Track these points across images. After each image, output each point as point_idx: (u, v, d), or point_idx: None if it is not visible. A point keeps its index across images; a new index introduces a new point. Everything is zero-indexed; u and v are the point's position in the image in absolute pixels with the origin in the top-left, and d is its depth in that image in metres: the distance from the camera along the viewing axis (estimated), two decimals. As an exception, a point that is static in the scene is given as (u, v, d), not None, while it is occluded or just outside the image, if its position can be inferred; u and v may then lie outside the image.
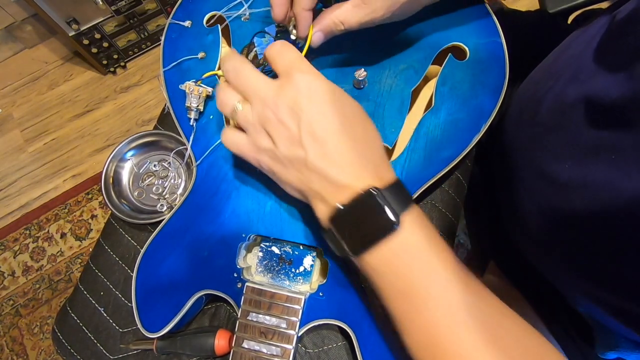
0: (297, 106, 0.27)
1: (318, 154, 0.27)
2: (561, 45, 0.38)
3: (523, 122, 0.37)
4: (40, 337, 1.05)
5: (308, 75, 0.28)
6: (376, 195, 0.25)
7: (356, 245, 0.26)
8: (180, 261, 0.36)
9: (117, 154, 0.46)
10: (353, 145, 0.27)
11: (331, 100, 0.27)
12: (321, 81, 0.28)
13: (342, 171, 0.27)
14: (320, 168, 0.27)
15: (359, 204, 0.26)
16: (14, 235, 1.15)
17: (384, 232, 0.25)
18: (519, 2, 1.32)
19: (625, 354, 0.36)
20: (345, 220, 0.27)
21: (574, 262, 0.31)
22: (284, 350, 0.32)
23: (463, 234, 0.55)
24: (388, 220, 0.25)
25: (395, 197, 0.26)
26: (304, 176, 0.28)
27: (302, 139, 0.27)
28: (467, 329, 0.24)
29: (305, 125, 0.27)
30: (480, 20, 0.37)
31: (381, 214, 0.25)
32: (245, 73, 0.30)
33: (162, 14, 1.23)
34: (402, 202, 0.26)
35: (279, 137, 0.28)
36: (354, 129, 0.28)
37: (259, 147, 0.29)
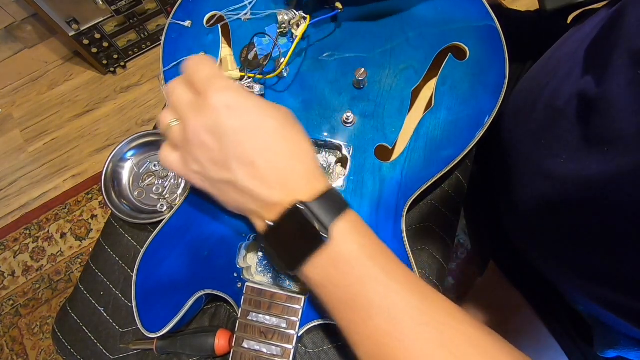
0: (216, 128, 0.26)
1: (246, 175, 0.26)
2: (558, 43, 0.38)
3: (520, 119, 0.37)
4: (40, 337, 1.05)
5: (224, 93, 0.26)
6: (303, 209, 0.25)
7: (291, 260, 0.26)
8: (181, 261, 0.36)
9: (117, 154, 0.46)
10: (281, 161, 0.27)
11: (253, 117, 0.27)
12: (239, 97, 0.27)
13: (271, 190, 0.26)
14: (251, 189, 0.27)
15: (287, 220, 0.26)
16: (14, 235, 1.16)
17: (314, 245, 0.25)
18: (519, 1, 1.32)
19: (624, 352, 0.36)
20: (276, 237, 0.27)
21: (573, 259, 0.31)
22: (284, 350, 0.32)
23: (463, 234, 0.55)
24: (316, 233, 0.25)
25: (325, 209, 0.26)
26: (238, 197, 0.28)
27: (228, 161, 0.26)
28: (413, 334, 0.23)
29: (229, 148, 0.26)
30: (480, 20, 0.37)
31: (309, 227, 0.25)
32: (176, 90, 0.29)
33: (162, 14, 1.23)
34: (332, 212, 0.26)
35: (205, 160, 0.27)
36: (281, 145, 0.27)
37: (189, 169, 0.29)
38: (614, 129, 0.24)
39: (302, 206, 0.25)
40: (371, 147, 0.36)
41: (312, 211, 0.25)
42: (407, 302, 0.24)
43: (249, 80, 0.36)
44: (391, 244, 0.34)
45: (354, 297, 0.25)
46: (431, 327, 0.24)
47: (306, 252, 0.26)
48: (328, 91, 0.38)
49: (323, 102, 0.37)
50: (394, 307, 0.24)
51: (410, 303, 0.24)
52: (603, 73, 0.26)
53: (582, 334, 0.41)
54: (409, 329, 0.24)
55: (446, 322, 0.24)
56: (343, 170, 0.37)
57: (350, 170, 0.35)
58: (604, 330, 0.37)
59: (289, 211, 0.26)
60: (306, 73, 0.38)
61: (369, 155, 0.35)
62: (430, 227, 0.41)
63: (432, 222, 0.41)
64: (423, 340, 0.23)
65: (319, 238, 0.25)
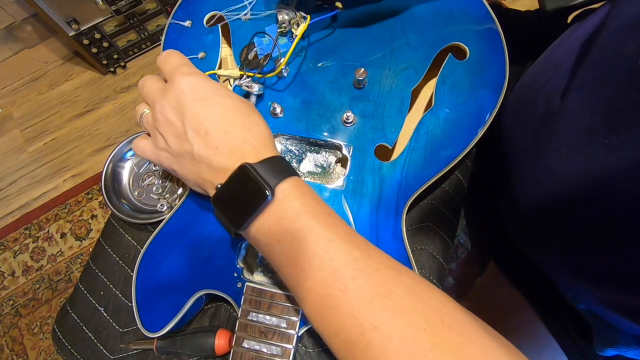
0: (179, 105, 0.30)
1: (202, 145, 0.29)
2: (558, 40, 0.38)
3: (521, 115, 0.37)
4: (40, 337, 1.05)
5: (188, 76, 0.30)
6: (249, 169, 0.27)
7: (237, 219, 0.28)
8: (181, 261, 0.36)
9: (117, 154, 0.46)
10: (233, 130, 0.29)
11: (211, 95, 0.30)
12: (201, 80, 0.30)
13: (222, 156, 0.29)
14: (206, 157, 0.29)
15: (234, 180, 0.28)
16: (14, 235, 1.15)
17: (259, 203, 0.27)
18: (519, 1, 1.32)
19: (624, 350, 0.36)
20: (223, 198, 0.29)
21: (575, 257, 0.31)
22: (284, 350, 0.32)
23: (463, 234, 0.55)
24: (261, 191, 0.26)
25: (270, 170, 0.27)
26: (195, 168, 0.30)
27: (187, 134, 0.29)
28: (354, 285, 0.24)
29: (188, 121, 0.29)
30: (480, 20, 0.37)
31: (254, 186, 0.27)
32: (146, 83, 0.33)
33: (162, 14, 1.23)
34: (277, 175, 0.27)
35: (168, 136, 0.31)
36: (234, 117, 0.30)
37: (158, 148, 0.32)
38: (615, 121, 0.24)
39: (247, 165, 0.27)
40: (371, 147, 0.36)
41: (256, 171, 0.27)
42: (348, 254, 0.25)
43: (247, 80, 0.36)
44: (391, 243, 0.34)
45: (297, 252, 0.26)
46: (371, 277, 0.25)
47: (251, 210, 0.27)
48: (328, 91, 0.38)
49: (323, 102, 0.37)
50: (336, 259, 0.25)
51: (351, 255, 0.25)
52: None
53: (581, 332, 0.41)
54: (350, 278, 0.25)
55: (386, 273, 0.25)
56: (343, 170, 0.37)
57: (350, 170, 0.35)
58: (604, 329, 0.37)
59: (236, 172, 0.28)
60: (306, 73, 0.38)
61: (369, 155, 0.35)
62: (430, 227, 0.41)
63: (432, 222, 0.41)
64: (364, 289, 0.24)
65: (262, 195, 0.26)
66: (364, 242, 0.27)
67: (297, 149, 0.38)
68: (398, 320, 0.23)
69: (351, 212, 0.35)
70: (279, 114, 0.37)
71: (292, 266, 0.27)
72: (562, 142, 0.30)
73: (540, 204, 0.33)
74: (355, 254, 0.26)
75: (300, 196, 0.27)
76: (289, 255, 0.27)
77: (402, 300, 0.24)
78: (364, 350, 0.23)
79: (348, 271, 0.25)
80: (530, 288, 0.46)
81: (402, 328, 0.23)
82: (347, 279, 0.25)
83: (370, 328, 0.23)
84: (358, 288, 0.24)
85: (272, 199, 0.27)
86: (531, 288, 0.46)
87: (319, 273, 0.25)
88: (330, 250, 0.25)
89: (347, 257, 0.25)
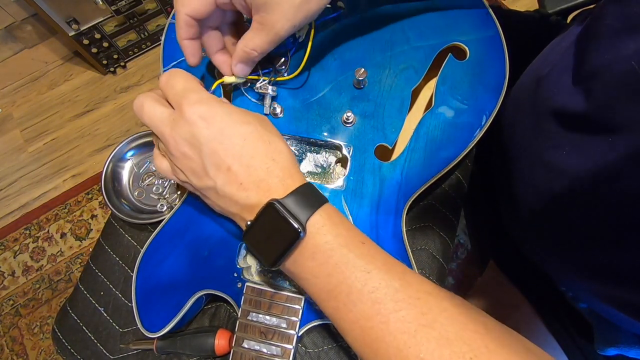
0: (194, 139, 0.28)
1: (225, 181, 0.28)
2: (560, 37, 0.38)
3: (522, 114, 0.37)
4: (40, 337, 1.05)
5: (199, 106, 0.28)
6: (276, 206, 0.26)
7: (270, 257, 0.27)
8: (181, 261, 0.36)
9: (117, 154, 0.46)
10: (255, 163, 0.28)
11: (227, 126, 0.28)
12: (213, 108, 0.28)
13: (248, 192, 0.28)
14: (230, 194, 0.28)
15: (263, 217, 0.27)
16: (14, 235, 1.15)
17: (292, 240, 0.26)
18: (519, 2, 1.32)
19: (625, 349, 0.36)
20: (254, 235, 0.28)
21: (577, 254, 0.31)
22: (284, 350, 0.32)
23: (463, 234, 0.55)
24: (292, 228, 0.25)
25: (299, 204, 0.26)
26: (221, 202, 0.29)
27: (207, 169, 0.28)
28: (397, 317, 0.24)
29: (206, 157, 0.28)
30: (480, 20, 0.37)
31: (285, 223, 0.26)
32: (145, 109, 0.30)
33: (162, 14, 1.23)
34: (307, 207, 0.26)
35: (187, 171, 0.29)
36: (255, 147, 0.28)
37: (178, 177, 0.31)
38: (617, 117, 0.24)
39: (276, 203, 0.26)
40: (371, 147, 0.36)
41: (285, 207, 0.26)
42: (388, 285, 0.25)
43: (264, 82, 0.36)
44: (391, 243, 0.34)
45: (335, 286, 0.26)
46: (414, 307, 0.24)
47: (284, 247, 0.26)
48: (328, 91, 0.38)
49: (323, 102, 0.37)
50: (375, 291, 0.25)
51: (391, 286, 0.25)
52: None
53: (581, 332, 0.41)
54: (392, 311, 0.24)
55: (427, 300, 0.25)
56: (343, 170, 0.37)
57: (350, 170, 0.35)
58: (605, 328, 0.37)
59: (264, 209, 0.27)
60: (306, 73, 0.38)
61: (369, 155, 0.35)
62: (430, 227, 0.41)
63: (432, 222, 0.41)
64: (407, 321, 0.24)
65: (294, 233, 0.26)
66: (401, 268, 0.27)
67: (297, 149, 0.38)
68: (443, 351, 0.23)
69: (351, 212, 0.35)
70: (279, 114, 0.37)
71: (332, 300, 0.26)
72: (563, 140, 0.30)
73: (541, 202, 0.33)
74: (395, 284, 0.25)
75: (332, 228, 0.27)
76: (326, 290, 0.26)
77: (447, 328, 0.23)
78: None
79: (389, 303, 0.24)
80: (531, 288, 0.46)
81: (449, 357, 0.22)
82: (389, 311, 0.24)
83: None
84: (401, 320, 0.24)
85: (304, 236, 0.26)
86: (531, 288, 0.46)
87: (359, 306, 0.25)
88: (369, 282, 0.25)
89: (387, 289, 0.25)
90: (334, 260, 0.26)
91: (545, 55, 0.38)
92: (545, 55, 0.38)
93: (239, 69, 0.34)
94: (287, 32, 0.30)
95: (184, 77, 0.30)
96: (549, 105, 0.32)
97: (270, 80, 0.36)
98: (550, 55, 0.37)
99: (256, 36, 0.31)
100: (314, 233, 0.26)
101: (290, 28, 0.30)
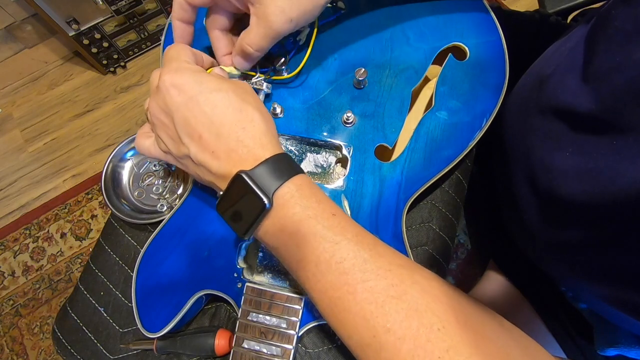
0: (167, 107, 0.28)
1: (198, 149, 0.28)
2: (564, 37, 0.38)
3: (525, 112, 0.37)
4: (40, 337, 1.05)
5: (174, 73, 0.28)
6: (244, 177, 0.26)
7: (242, 227, 0.27)
8: (180, 261, 0.36)
9: (117, 154, 0.46)
10: (225, 132, 0.27)
11: (198, 93, 0.28)
12: (186, 76, 0.28)
13: (219, 161, 0.28)
14: (204, 162, 0.28)
15: (232, 188, 0.27)
16: (14, 235, 1.15)
17: (259, 212, 0.26)
18: (519, 2, 1.32)
19: (625, 350, 0.36)
20: (226, 206, 0.28)
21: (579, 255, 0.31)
22: (284, 350, 0.32)
23: (463, 234, 0.55)
24: (260, 200, 0.26)
25: (268, 175, 0.26)
26: (198, 171, 0.29)
27: (181, 137, 0.28)
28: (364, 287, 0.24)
29: (179, 124, 0.28)
30: (481, 20, 0.37)
31: (252, 194, 0.26)
32: (150, 77, 0.32)
33: (162, 14, 1.23)
34: (276, 178, 0.26)
35: (165, 138, 0.30)
36: (225, 115, 0.28)
37: (160, 149, 0.32)
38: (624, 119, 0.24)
39: (244, 174, 0.26)
40: (371, 147, 0.36)
41: (253, 179, 0.26)
42: (356, 256, 0.25)
43: (260, 79, 0.36)
44: (391, 243, 0.34)
45: (303, 256, 0.26)
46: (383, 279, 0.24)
47: (252, 219, 0.26)
48: (328, 91, 0.38)
49: (323, 102, 0.37)
50: (343, 262, 0.25)
51: (359, 256, 0.25)
52: None
53: (581, 332, 0.41)
54: (360, 281, 0.24)
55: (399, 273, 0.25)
56: (343, 170, 0.37)
57: (350, 170, 0.35)
58: (605, 329, 0.37)
59: (232, 180, 0.27)
60: (306, 73, 0.38)
61: (369, 155, 0.35)
62: (430, 227, 0.41)
63: (432, 222, 0.41)
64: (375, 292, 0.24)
65: (261, 204, 0.26)
66: (373, 241, 0.27)
67: (297, 149, 0.38)
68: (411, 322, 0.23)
69: (351, 212, 0.35)
70: (279, 114, 0.37)
71: (301, 270, 0.27)
72: (567, 141, 0.29)
73: (541, 202, 0.33)
74: (364, 255, 0.25)
75: (301, 199, 0.27)
76: (296, 260, 0.27)
77: (417, 300, 0.23)
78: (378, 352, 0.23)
79: (357, 274, 0.24)
80: (531, 287, 0.46)
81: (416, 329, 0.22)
82: (357, 281, 0.24)
83: (383, 331, 0.23)
84: (369, 290, 0.24)
85: (270, 207, 0.26)
86: (531, 287, 0.46)
87: (327, 276, 0.25)
88: (337, 253, 0.25)
89: (355, 260, 0.25)
90: (302, 232, 0.26)
91: (549, 55, 0.38)
92: (549, 55, 0.38)
93: (237, 61, 0.34)
94: (283, 26, 0.30)
95: (177, 48, 0.31)
96: (553, 105, 0.32)
97: (267, 77, 0.36)
98: (554, 55, 0.37)
99: (252, 30, 0.31)
100: (282, 205, 0.26)
101: (286, 22, 0.30)
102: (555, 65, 0.34)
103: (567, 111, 0.30)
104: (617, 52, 0.26)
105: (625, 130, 0.24)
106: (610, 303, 0.31)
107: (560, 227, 0.32)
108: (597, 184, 0.26)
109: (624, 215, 0.25)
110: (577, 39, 0.34)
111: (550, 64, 0.35)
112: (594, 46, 0.29)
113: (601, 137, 0.26)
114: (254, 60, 0.34)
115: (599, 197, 0.26)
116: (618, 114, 0.25)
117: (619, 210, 0.25)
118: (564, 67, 0.32)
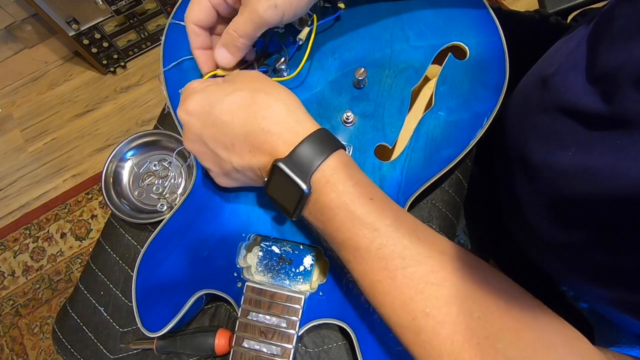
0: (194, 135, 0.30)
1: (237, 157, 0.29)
2: (566, 37, 0.38)
3: (526, 112, 0.37)
4: (40, 337, 1.05)
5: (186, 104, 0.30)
6: (281, 166, 0.26)
7: (288, 209, 0.28)
8: (181, 261, 0.36)
9: (117, 154, 0.46)
10: (250, 129, 0.28)
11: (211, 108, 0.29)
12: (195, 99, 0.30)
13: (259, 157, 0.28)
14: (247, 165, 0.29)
15: (273, 177, 0.28)
16: (14, 235, 1.16)
17: (300, 198, 0.27)
18: (519, 2, 1.32)
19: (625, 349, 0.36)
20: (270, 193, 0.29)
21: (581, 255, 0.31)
22: (284, 350, 0.32)
23: (463, 234, 0.55)
24: (298, 186, 0.26)
25: (302, 161, 0.27)
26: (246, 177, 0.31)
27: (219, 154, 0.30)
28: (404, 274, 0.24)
29: (210, 144, 0.30)
30: (481, 20, 0.38)
31: (290, 182, 0.26)
32: None
33: (162, 14, 1.23)
34: (309, 163, 0.27)
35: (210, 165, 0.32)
36: (241, 113, 0.28)
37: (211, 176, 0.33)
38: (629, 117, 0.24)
39: (280, 163, 0.26)
40: (371, 147, 0.36)
41: (288, 167, 0.26)
42: (394, 242, 0.25)
43: None
44: (391, 243, 0.34)
45: (343, 240, 0.27)
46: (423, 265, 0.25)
47: (295, 203, 0.27)
48: (328, 91, 0.38)
49: (323, 102, 0.37)
50: (383, 248, 0.25)
51: (399, 243, 0.25)
52: None
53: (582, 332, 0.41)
54: (399, 267, 0.25)
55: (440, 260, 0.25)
56: (343, 170, 0.37)
57: (350, 170, 0.35)
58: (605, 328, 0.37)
59: (271, 170, 0.28)
60: (306, 72, 0.38)
61: (369, 155, 0.35)
62: (430, 226, 0.41)
63: (432, 222, 0.41)
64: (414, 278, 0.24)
65: (300, 191, 0.26)
66: (412, 225, 0.27)
67: (297, 149, 0.38)
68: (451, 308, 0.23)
69: (351, 212, 0.35)
70: (279, 113, 0.37)
71: (343, 251, 0.27)
72: (571, 140, 0.29)
73: (542, 202, 0.33)
74: (403, 241, 0.25)
75: (336, 184, 0.26)
76: (337, 242, 0.27)
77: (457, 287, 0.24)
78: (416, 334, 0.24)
79: (397, 260, 0.25)
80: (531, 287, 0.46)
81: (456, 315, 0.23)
82: (397, 267, 0.25)
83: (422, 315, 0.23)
84: (408, 277, 0.24)
85: (310, 192, 0.26)
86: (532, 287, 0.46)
87: (368, 261, 0.25)
88: (376, 239, 0.25)
89: (395, 246, 0.25)
90: (340, 218, 0.26)
91: (551, 55, 0.38)
92: (551, 55, 0.38)
93: (220, 54, 0.33)
94: (267, 11, 0.30)
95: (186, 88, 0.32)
96: (557, 105, 0.32)
97: None
98: (557, 55, 0.37)
99: (239, 17, 0.31)
100: (319, 190, 0.27)
101: (271, 7, 0.30)
102: (558, 64, 0.34)
103: (571, 110, 0.30)
104: (620, 50, 0.26)
105: (629, 128, 0.24)
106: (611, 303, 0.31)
107: (561, 228, 0.32)
108: (601, 183, 0.26)
109: (627, 215, 0.25)
110: (579, 38, 0.34)
111: (552, 63, 0.35)
112: (597, 45, 0.29)
113: (605, 136, 0.26)
114: (239, 50, 0.33)
115: (602, 196, 0.26)
116: (621, 112, 0.25)
117: (623, 209, 0.25)
118: (567, 67, 0.32)
